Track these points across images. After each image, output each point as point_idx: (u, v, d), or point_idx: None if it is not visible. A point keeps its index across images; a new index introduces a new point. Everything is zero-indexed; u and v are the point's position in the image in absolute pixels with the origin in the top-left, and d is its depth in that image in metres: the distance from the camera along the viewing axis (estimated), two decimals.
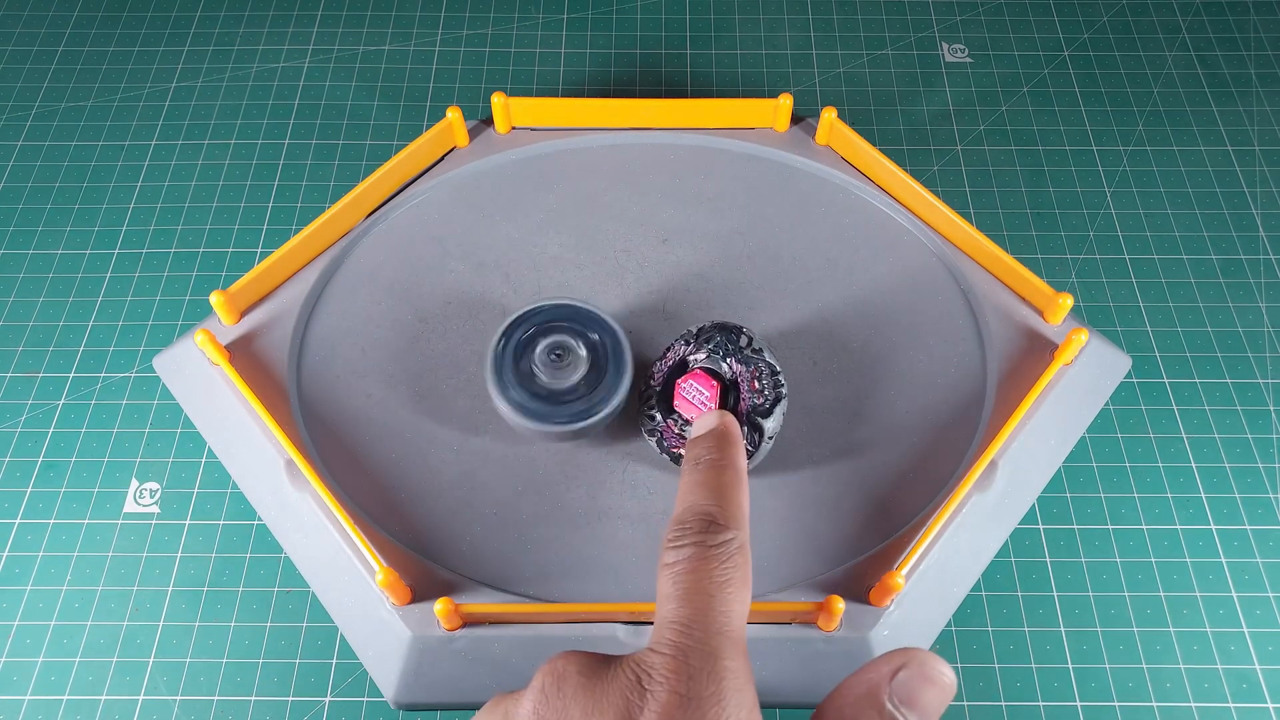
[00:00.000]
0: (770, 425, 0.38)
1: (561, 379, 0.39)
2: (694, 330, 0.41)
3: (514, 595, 0.37)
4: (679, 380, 0.39)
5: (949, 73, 0.58)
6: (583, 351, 0.40)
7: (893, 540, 0.38)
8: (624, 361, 0.40)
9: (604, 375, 0.39)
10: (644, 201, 0.48)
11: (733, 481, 0.27)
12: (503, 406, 0.39)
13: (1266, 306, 0.49)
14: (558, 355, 0.39)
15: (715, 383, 0.39)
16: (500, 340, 0.40)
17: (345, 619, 0.37)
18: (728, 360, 0.39)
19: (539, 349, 0.40)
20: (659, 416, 0.40)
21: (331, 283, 0.46)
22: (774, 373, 0.38)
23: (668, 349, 0.41)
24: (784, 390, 0.38)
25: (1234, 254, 0.51)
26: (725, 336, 0.39)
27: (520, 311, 0.40)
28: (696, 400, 0.38)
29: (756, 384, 0.38)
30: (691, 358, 0.40)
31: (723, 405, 0.39)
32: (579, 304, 0.41)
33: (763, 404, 0.38)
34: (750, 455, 0.38)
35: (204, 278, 0.50)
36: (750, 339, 0.39)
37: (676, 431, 0.39)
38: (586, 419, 0.38)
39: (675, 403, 0.39)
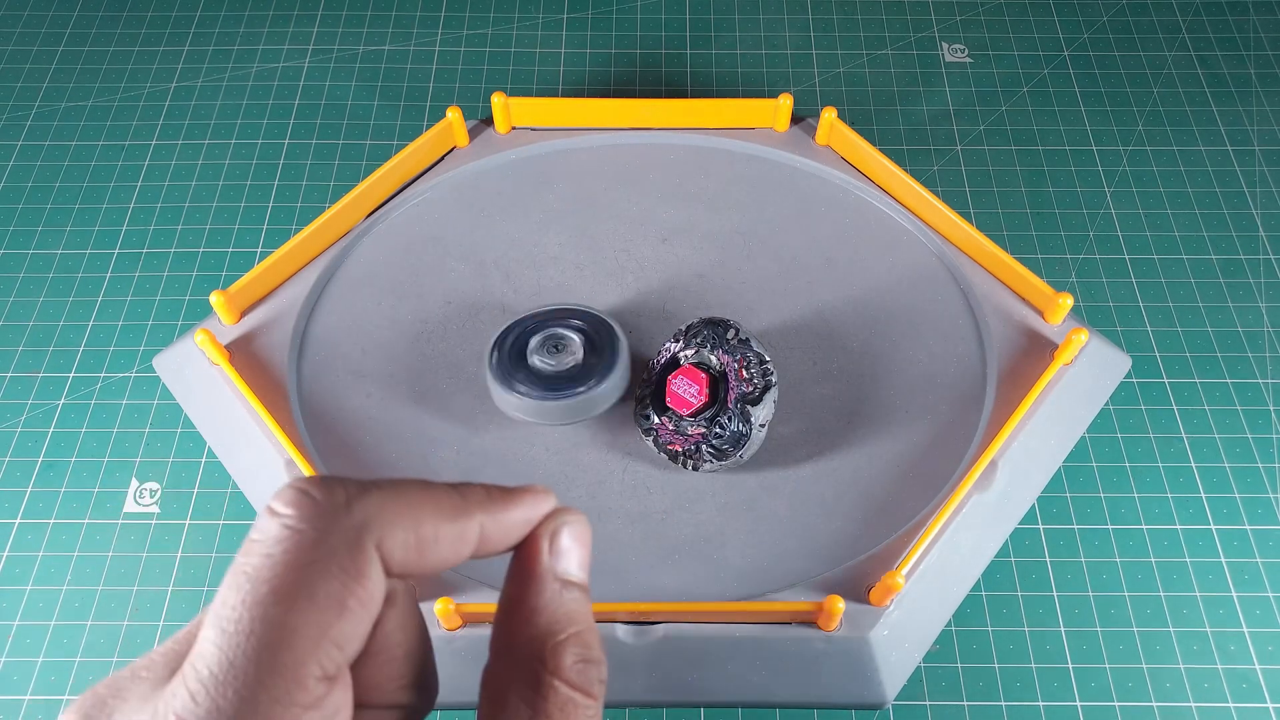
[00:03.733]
0: (761, 413, 0.38)
1: (558, 363, 0.40)
2: (683, 328, 0.41)
3: None
4: (669, 377, 0.39)
5: (949, 73, 0.58)
6: (577, 339, 0.41)
7: (893, 540, 0.38)
8: (618, 345, 0.41)
9: (600, 357, 0.40)
10: (644, 201, 0.48)
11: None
12: (505, 397, 0.40)
13: (1266, 306, 0.49)
14: (554, 345, 0.41)
15: (704, 375, 0.39)
16: (494, 348, 0.41)
17: None
18: (715, 353, 0.39)
19: (533, 343, 0.41)
20: (654, 415, 0.40)
21: (331, 283, 0.46)
22: (762, 361, 0.39)
23: (661, 349, 0.41)
24: (773, 379, 0.39)
25: (1234, 254, 0.51)
26: (712, 330, 0.40)
27: (510, 322, 0.42)
28: (687, 394, 0.39)
29: (745, 372, 0.38)
30: (681, 354, 0.40)
31: (712, 396, 0.39)
32: (567, 305, 0.42)
33: (752, 392, 0.38)
34: (742, 445, 0.38)
35: (204, 278, 0.50)
36: (737, 330, 0.39)
37: (671, 428, 0.39)
38: (587, 392, 0.39)
39: (667, 399, 0.39)
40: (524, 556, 0.18)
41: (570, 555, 0.18)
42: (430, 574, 0.16)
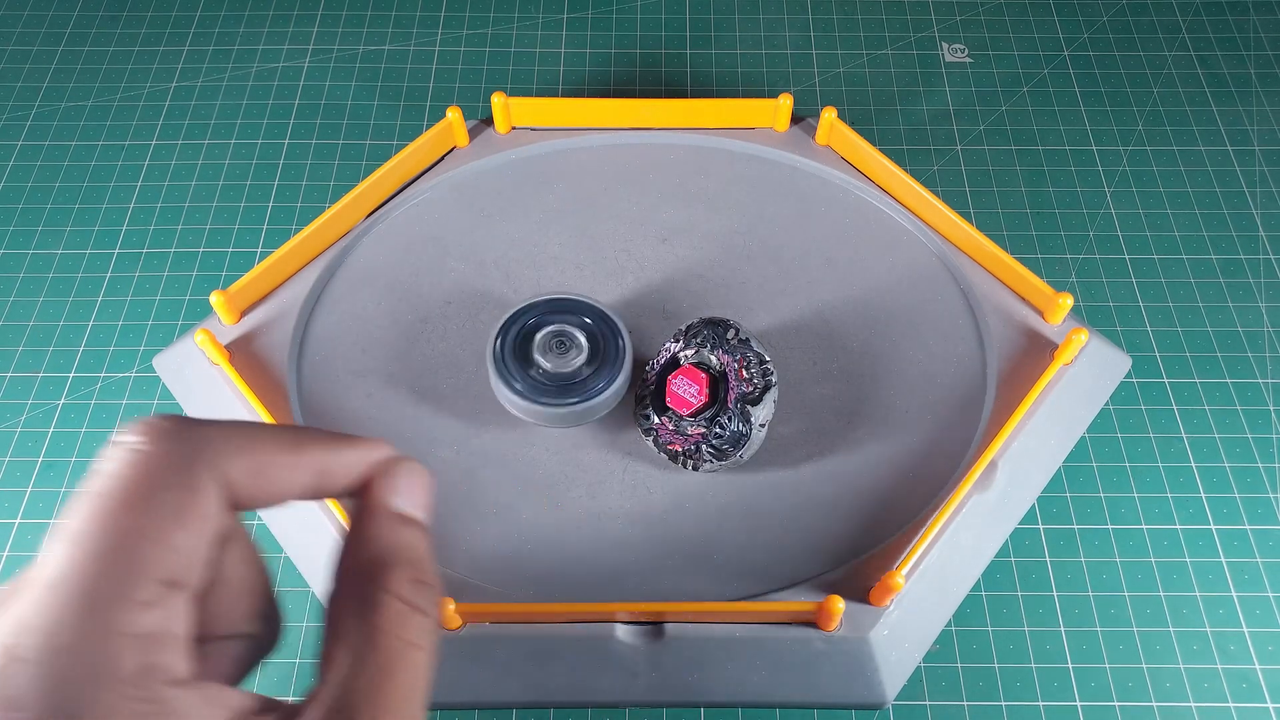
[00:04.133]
0: (761, 413, 0.38)
1: (563, 364, 0.40)
2: (683, 328, 0.41)
3: (514, 595, 0.37)
4: (670, 377, 0.39)
5: (949, 73, 0.58)
6: (583, 338, 0.41)
7: (893, 540, 0.38)
8: (623, 348, 0.40)
9: (603, 360, 0.40)
10: (644, 201, 0.48)
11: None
12: (506, 393, 0.40)
13: (1266, 306, 0.49)
14: (559, 342, 0.41)
15: (704, 375, 0.39)
16: (500, 333, 0.41)
17: None
18: (715, 352, 0.39)
19: (540, 336, 0.41)
20: (654, 415, 0.40)
21: (331, 283, 0.46)
22: (762, 361, 0.39)
23: (661, 349, 0.41)
24: (773, 379, 0.39)
25: (1234, 254, 0.51)
26: (712, 330, 0.40)
27: (519, 306, 0.41)
28: (687, 394, 0.39)
29: (745, 372, 0.38)
30: (681, 354, 0.40)
31: (712, 396, 0.39)
32: (575, 296, 0.42)
33: (752, 392, 0.38)
34: (742, 445, 0.38)
35: (204, 278, 0.50)
36: (737, 330, 0.39)
37: (671, 428, 0.39)
38: (589, 400, 0.39)
39: (667, 399, 0.39)
40: (363, 495, 0.19)
41: (406, 494, 0.19)
42: (275, 503, 0.18)
